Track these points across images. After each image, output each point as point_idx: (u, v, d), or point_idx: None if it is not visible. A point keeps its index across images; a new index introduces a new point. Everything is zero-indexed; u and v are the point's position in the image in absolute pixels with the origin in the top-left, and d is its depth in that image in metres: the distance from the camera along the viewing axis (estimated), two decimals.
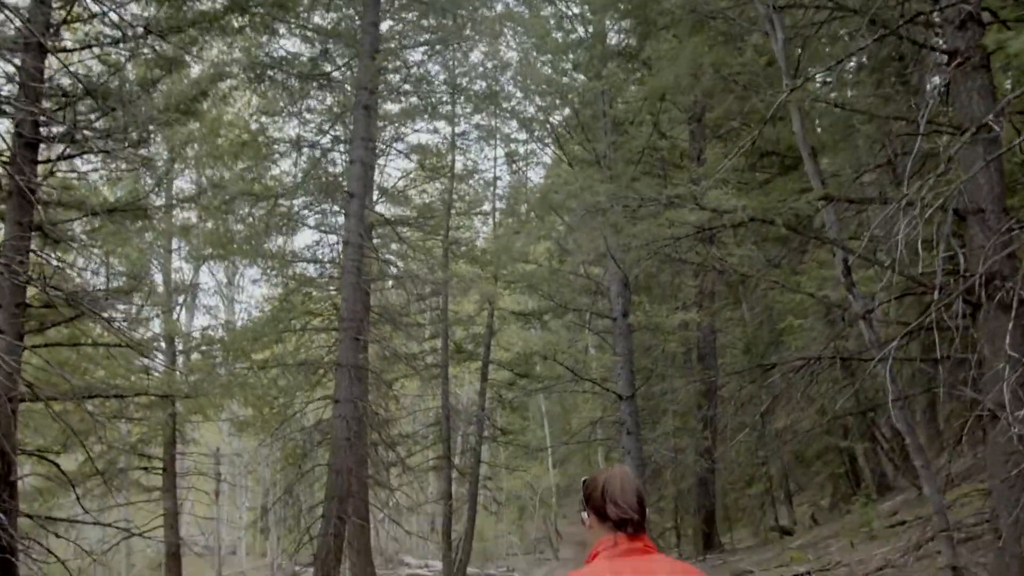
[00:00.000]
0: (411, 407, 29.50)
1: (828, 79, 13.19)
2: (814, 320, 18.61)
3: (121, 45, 12.56)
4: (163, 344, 19.72)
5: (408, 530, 25.19)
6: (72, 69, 12.11)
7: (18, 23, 11.31)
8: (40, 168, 12.11)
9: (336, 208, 20.27)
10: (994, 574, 8.93)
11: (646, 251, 10.20)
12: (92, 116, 12.72)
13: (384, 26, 20.46)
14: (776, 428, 23.71)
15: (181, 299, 21.69)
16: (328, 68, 19.39)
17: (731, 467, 26.70)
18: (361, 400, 14.41)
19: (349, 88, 19.62)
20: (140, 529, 19.62)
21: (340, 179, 19.54)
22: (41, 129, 11.90)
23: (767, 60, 13.55)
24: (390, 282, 24.36)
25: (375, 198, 23.48)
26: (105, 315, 12.99)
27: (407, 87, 21.66)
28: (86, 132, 12.30)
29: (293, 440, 19.83)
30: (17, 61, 11.48)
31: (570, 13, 21.15)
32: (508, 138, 26.05)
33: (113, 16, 12.09)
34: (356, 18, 19.74)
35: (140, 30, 12.26)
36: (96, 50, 12.73)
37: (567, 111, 21.82)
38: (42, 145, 12.38)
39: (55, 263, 12.79)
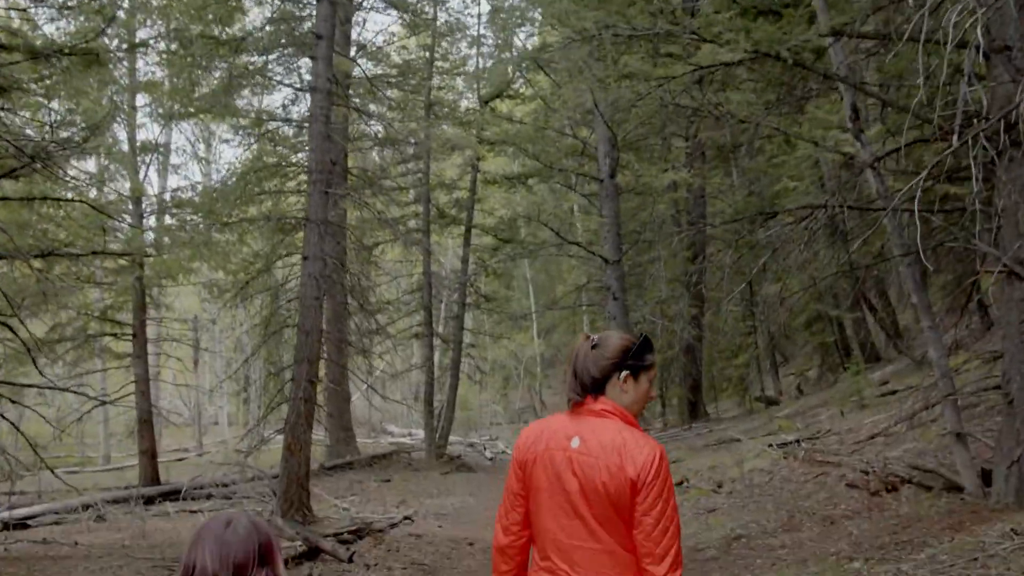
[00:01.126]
0: (393, 272, 28.94)
1: None
2: (809, 184, 17.86)
3: None
4: (130, 205, 18.83)
5: (385, 396, 24.89)
6: None
7: None
8: None
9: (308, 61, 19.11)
10: (1002, 440, 8.38)
11: (637, 95, 9.33)
12: None
13: None
14: (766, 295, 23.25)
15: (148, 159, 20.63)
16: None
17: (718, 337, 26.41)
18: (331, 257, 13.66)
19: None
20: (111, 396, 19.19)
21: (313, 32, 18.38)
22: None
23: None
24: (369, 143, 23.46)
25: (353, 54, 22.34)
26: (56, 167, 12.13)
27: None
28: None
29: (266, 303, 19.23)
30: None
31: None
32: None
33: None
34: None
35: None
36: None
37: None
38: None
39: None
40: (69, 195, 14.98)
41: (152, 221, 20.06)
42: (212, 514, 2.32)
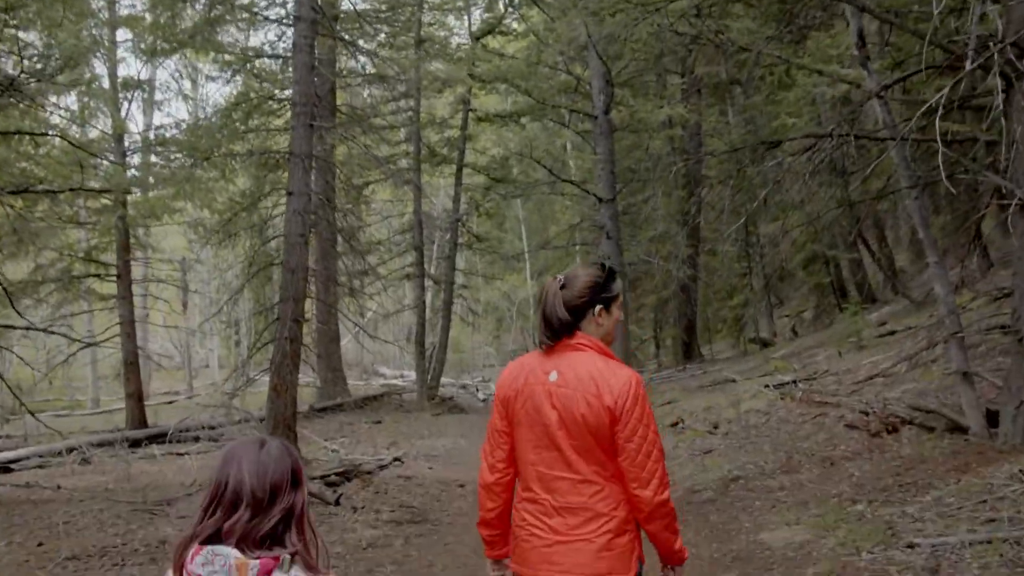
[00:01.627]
0: (384, 212, 28.53)
1: None
2: (808, 120, 17.43)
3: None
4: (112, 143, 18.35)
5: (376, 337, 24.64)
6: None
7: None
8: None
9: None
10: (1011, 379, 8.10)
11: (634, 20, 8.90)
12: None
13: None
14: (763, 234, 22.93)
15: (131, 96, 20.05)
16: None
17: (713, 277, 26.15)
18: (317, 194, 13.25)
19: None
20: (96, 338, 18.86)
21: None
22: None
23: None
24: (359, 78, 22.93)
25: None
26: (30, 99, 11.72)
27: None
28: None
29: (252, 242, 18.83)
30: None
31: None
32: None
33: None
34: None
35: None
36: None
37: None
38: None
39: None
40: (49, 132, 14.52)
41: (136, 159, 19.61)
42: (241, 438, 2.27)
